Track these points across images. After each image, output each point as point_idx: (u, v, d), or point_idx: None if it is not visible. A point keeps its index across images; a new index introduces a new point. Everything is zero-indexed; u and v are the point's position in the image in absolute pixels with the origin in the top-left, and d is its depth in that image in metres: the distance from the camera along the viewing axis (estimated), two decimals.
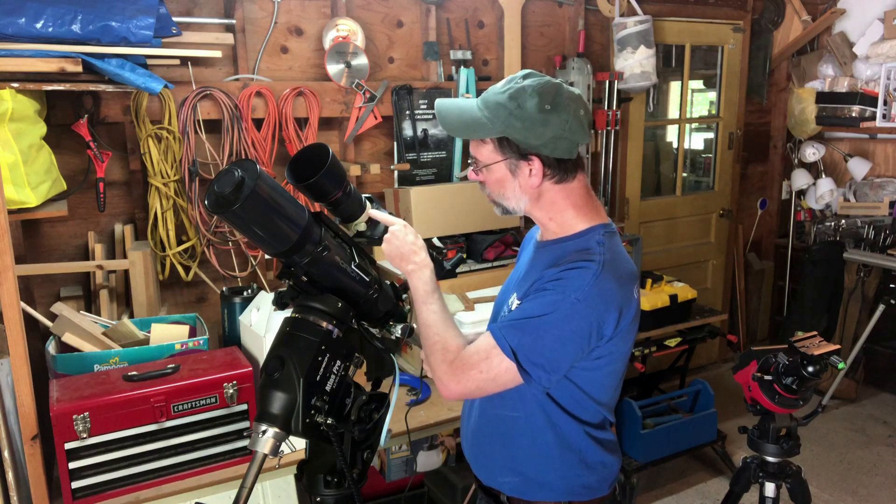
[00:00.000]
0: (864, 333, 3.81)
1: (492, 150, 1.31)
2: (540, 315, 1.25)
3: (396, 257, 1.35)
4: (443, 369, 1.30)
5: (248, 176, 1.13)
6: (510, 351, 1.25)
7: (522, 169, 1.31)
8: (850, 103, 3.96)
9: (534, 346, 1.25)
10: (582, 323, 1.24)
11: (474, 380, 1.28)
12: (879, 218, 3.93)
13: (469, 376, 1.28)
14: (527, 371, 1.25)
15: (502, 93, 1.29)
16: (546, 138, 1.27)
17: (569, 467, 1.39)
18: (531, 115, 1.26)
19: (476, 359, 1.28)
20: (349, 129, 2.87)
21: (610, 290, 1.26)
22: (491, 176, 1.34)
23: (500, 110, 1.28)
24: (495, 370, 1.26)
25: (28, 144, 1.99)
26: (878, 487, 3.25)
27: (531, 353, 1.25)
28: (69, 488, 1.78)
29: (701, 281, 4.37)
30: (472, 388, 1.29)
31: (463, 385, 1.29)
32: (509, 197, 1.35)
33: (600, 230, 1.34)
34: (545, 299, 1.26)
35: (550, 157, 1.29)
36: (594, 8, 3.51)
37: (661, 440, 3.08)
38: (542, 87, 1.28)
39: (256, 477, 1.22)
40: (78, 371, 1.99)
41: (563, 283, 1.25)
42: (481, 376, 1.27)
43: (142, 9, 2.08)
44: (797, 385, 1.96)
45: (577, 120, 1.28)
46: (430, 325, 1.33)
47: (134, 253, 2.37)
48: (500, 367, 1.26)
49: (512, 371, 1.26)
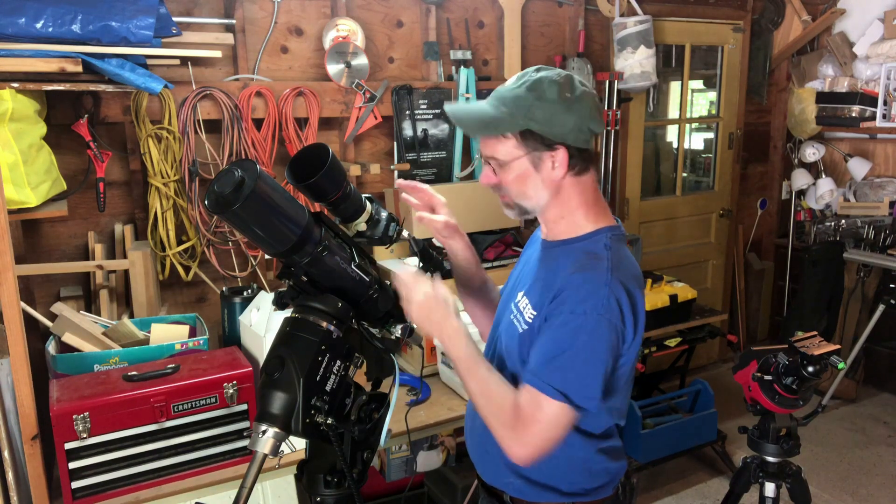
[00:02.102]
0: (864, 333, 3.81)
1: (514, 145, 1.27)
2: (571, 346, 1.22)
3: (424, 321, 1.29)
4: (507, 436, 1.24)
5: (248, 176, 1.13)
6: (558, 394, 1.21)
7: (545, 162, 1.28)
8: (850, 103, 3.96)
9: (580, 380, 1.22)
10: (611, 336, 1.23)
11: (539, 434, 1.22)
12: (879, 218, 3.93)
13: (532, 433, 1.22)
14: (580, 406, 1.22)
15: (518, 87, 1.27)
16: (570, 126, 1.25)
17: (572, 473, 1.39)
18: (554, 104, 1.23)
19: (530, 413, 1.23)
20: (349, 129, 2.87)
21: (624, 294, 1.25)
22: (510, 174, 1.30)
23: (519, 102, 1.25)
24: (553, 416, 1.22)
25: (28, 144, 1.99)
26: (878, 487, 3.25)
27: (580, 388, 1.22)
28: (69, 488, 1.78)
29: (701, 281, 4.37)
30: (539, 443, 1.23)
31: (532, 445, 1.23)
32: (530, 194, 1.31)
33: (607, 233, 1.33)
34: (569, 327, 1.22)
35: (573, 147, 1.27)
36: (594, 8, 3.51)
37: (661, 440, 3.08)
38: (560, 76, 1.26)
39: (256, 477, 1.22)
40: (78, 371, 1.99)
41: (581, 305, 1.22)
42: (542, 427, 1.22)
43: (142, 9, 2.08)
44: (797, 385, 1.96)
45: (594, 107, 1.28)
46: (481, 395, 1.28)
47: (134, 253, 2.37)
48: (557, 411, 1.22)
49: (566, 411, 1.22)
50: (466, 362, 1.29)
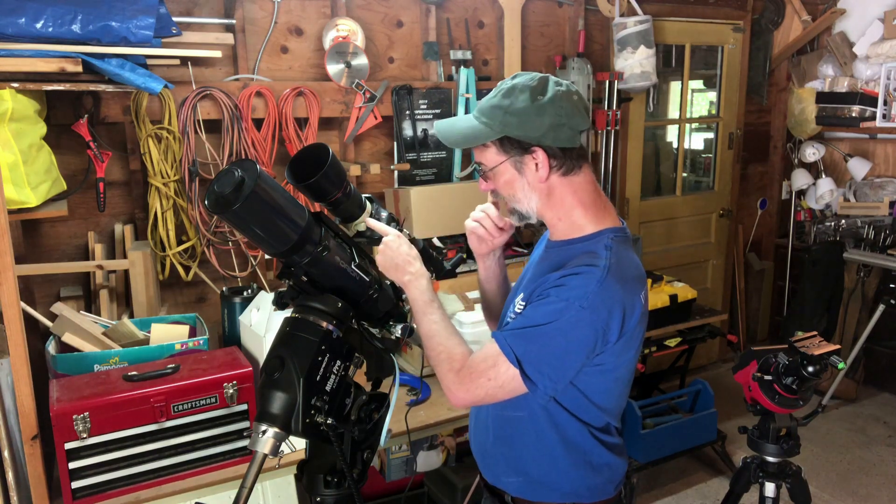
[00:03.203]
0: (864, 333, 3.81)
1: (495, 152, 1.32)
2: (545, 323, 1.24)
3: (391, 268, 1.36)
4: (450, 378, 1.30)
5: (248, 176, 1.13)
6: (515, 359, 1.25)
7: (528, 164, 1.31)
8: (850, 103, 3.96)
9: (539, 355, 1.25)
10: (587, 331, 1.24)
11: (483, 387, 1.28)
12: (879, 218, 3.93)
13: (478, 384, 1.28)
14: (532, 380, 1.25)
15: (494, 96, 1.32)
16: (545, 128, 1.27)
17: (574, 468, 1.39)
18: (524, 108, 1.27)
19: (483, 366, 1.28)
20: (349, 129, 2.87)
21: (613, 294, 1.25)
22: (500, 179, 1.34)
23: (495, 112, 1.30)
24: (503, 377, 1.26)
25: (28, 144, 1.99)
26: (878, 487, 3.25)
27: (536, 362, 1.25)
28: (69, 488, 1.78)
29: (701, 281, 4.37)
30: (481, 395, 1.29)
31: (472, 393, 1.29)
32: (520, 198, 1.34)
33: (609, 234, 1.34)
34: (549, 307, 1.25)
35: (553, 147, 1.29)
36: (594, 8, 3.51)
37: (661, 440, 3.08)
38: (531, 80, 1.30)
39: (256, 477, 1.22)
40: (78, 371, 1.99)
41: (566, 290, 1.24)
42: (490, 384, 1.27)
43: (142, 9, 2.08)
44: (797, 385, 1.96)
45: (571, 105, 1.29)
46: (432, 336, 1.34)
47: (134, 253, 2.37)
48: (508, 374, 1.26)
49: (518, 379, 1.26)
50: (423, 305, 1.35)
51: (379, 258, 1.36)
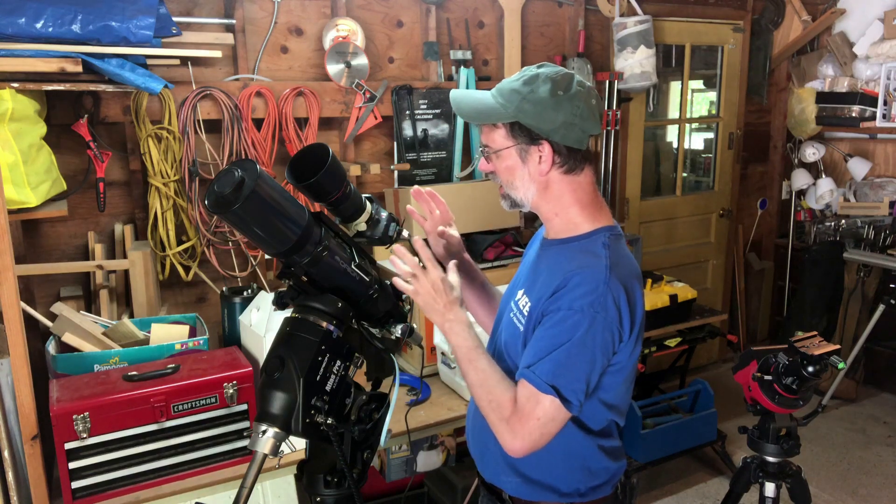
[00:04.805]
0: (864, 333, 3.81)
1: (504, 135, 1.32)
2: (566, 342, 1.23)
3: (429, 311, 1.32)
4: (502, 428, 1.26)
5: (248, 176, 1.13)
6: (550, 389, 1.22)
7: (532, 155, 1.31)
8: (850, 103, 3.96)
9: (570, 375, 1.23)
10: (605, 333, 1.24)
11: (536, 429, 1.24)
12: (879, 218, 3.93)
13: (529, 428, 1.24)
14: (568, 400, 1.23)
15: (517, 80, 1.31)
16: (557, 123, 1.27)
17: (571, 472, 1.39)
18: (543, 99, 1.27)
19: (529, 407, 1.24)
20: (349, 129, 2.87)
21: (620, 291, 1.26)
22: (501, 163, 1.34)
23: (513, 95, 1.29)
24: (550, 411, 1.23)
25: (28, 144, 1.99)
26: (878, 487, 3.25)
27: (569, 382, 1.23)
28: (69, 488, 1.78)
29: (701, 281, 4.37)
30: (536, 437, 1.24)
31: (528, 439, 1.24)
32: (518, 185, 1.34)
33: (605, 233, 1.34)
34: (565, 324, 1.24)
35: (560, 144, 1.30)
36: (594, 8, 3.51)
37: (661, 440, 3.08)
38: (556, 74, 1.30)
39: (256, 477, 1.22)
40: (78, 371, 1.99)
41: (577, 301, 1.24)
42: (540, 423, 1.24)
43: (142, 9, 2.08)
44: (797, 385, 1.96)
45: (588, 108, 1.29)
46: (480, 385, 1.29)
47: (134, 253, 2.37)
48: (553, 406, 1.23)
49: (558, 406, 1.23)
50: (468, 352, 1.31)
51: (420, 299, 1.32)
